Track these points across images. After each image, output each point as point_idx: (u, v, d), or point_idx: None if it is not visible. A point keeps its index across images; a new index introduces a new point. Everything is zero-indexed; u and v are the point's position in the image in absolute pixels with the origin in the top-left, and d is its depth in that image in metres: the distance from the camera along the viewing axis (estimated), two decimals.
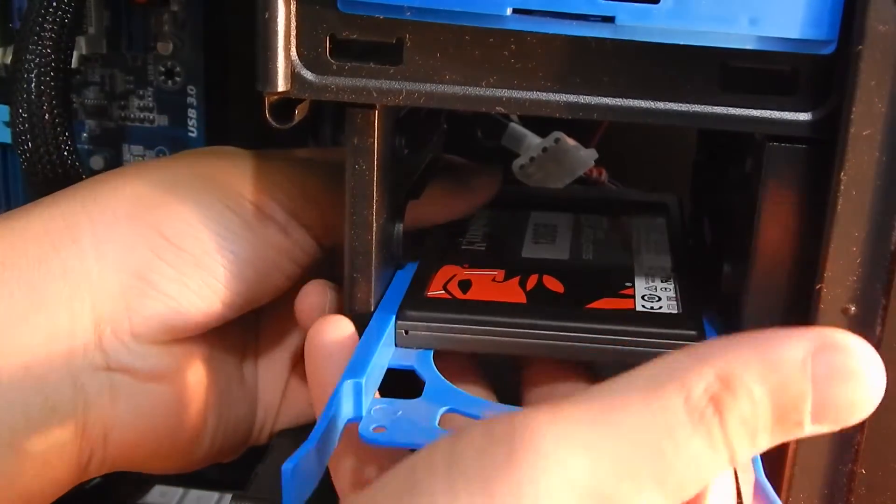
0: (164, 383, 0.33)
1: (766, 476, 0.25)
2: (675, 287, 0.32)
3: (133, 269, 0.31)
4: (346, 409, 0.26)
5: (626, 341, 0.29)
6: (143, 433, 0.33)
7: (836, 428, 0.21)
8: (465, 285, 0.32)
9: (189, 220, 0.32)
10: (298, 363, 0.38)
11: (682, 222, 0.41)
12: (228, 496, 0.44)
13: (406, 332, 0.30)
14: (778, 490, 0.28)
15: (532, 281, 0.33)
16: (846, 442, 0.28)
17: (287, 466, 0.23)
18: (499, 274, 0.33)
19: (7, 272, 0.30)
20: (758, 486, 0.24)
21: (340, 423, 0.26)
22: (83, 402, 0.31)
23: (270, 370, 0.38)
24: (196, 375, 0.34)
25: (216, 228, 0.32)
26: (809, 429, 0.21)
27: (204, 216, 0.32)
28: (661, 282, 0.33)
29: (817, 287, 0.27)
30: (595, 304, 0.31)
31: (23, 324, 0.30)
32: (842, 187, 0.26)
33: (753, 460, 0.24)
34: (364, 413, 0.26)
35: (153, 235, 0.31)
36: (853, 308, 0.27)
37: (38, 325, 0.30)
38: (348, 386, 0.26)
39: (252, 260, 0.33)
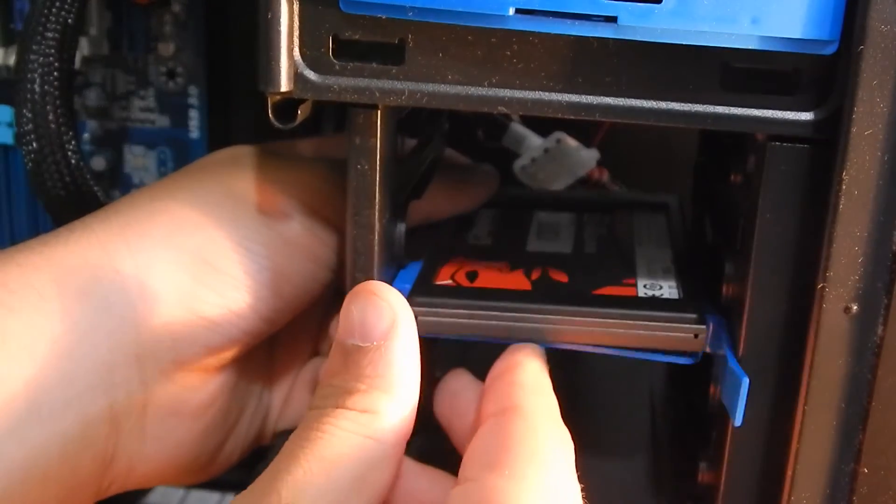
0: (195, 417, 0.33)
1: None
2: (675, 278, 0.33)
3: (175, 298, 0.31)
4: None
5: (628, 324, 0.30)
6: (165, 465, 0.33)
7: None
8: (471, 275, 0.33)
9: (227, 242, 0.31)
10: (303, 369, 0.38)
11: (683, 220, 0.41)
12: (230, 496, 0.44)
13: (415, 318, 0.30)
14: (780, 489, 0.29)
15: (537, 272, 0.33)
16: (848, 441, 0.28)
17: None
18: (504, 266, 0.34)
19: (48, 304, 0.29)
20: (729, 370, 0.28)
21: None
22: (115, 438, 0.31)
23: (281, 381, 0.38)
24: (226, 405, 0.34)
25: (253, 247, 0.32)
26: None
27: (242, 235, 0.31)
28: (663, 273, 0.33)
29: (819, 286, 0.27)
30: (598, 292, 0.32)
31: (66, 358, 0.29)
32: (844, 187, 0.26)
33: (726, 351, 0.29)
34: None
35: (193, 261, 0.31)
36: (855, 307, 0.27)
37: (81, 358, 0.29)
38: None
39: (289, 274, 0.32)
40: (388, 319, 0.27)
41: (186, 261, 0.31)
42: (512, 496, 0.24)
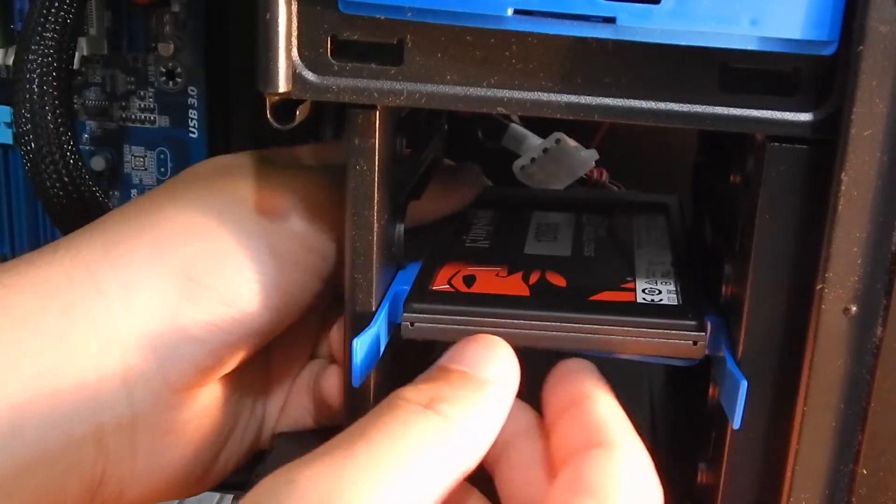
0: (187, 433, 0.32)
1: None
2: (675, 282, 0.33)
3: (161, 317, 0.30)
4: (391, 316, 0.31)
5: (627, 331, 0.30)
6: (158, 484, 0.32)
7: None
8: (469, 280, 0.33)
9: (214, 256, 0.31)
10: (301, 372, 0.38)
11: (682, 221, 0.41)
12: (229, 497, 0.44)
13: (412, 325, 0.30)
14: (779, 490, 0.29)
15: (535, 276, 0.33)
16: (847, 442, 0.28)
17: (355, 340, 0.28)
18: (502, 270, 0.34)
19: (33, 323, 0.29)
20: (728, 372, 0.28)
21: (388, 325, 0.31)
22: (103, 459, 0.30)
23: (278, 388, 0.37)
24: (219, 419, 0.34)
25: (242, 261, 0.31)
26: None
27: (229, 249, 0.31)
28: (662, 276, 0.33)
29: (818, 287, 0.27)
30: (596, 297, 0.31)
31: (52, 376, 0.29)
32: (843, 187, 0.26)
33: (725, 353, 0.29)
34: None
35: (179, 277, 0.30)
36: (854, 308, 0.27)
37: (67, 378, 0.29)
38: (392, 301, 0.31)
39: (280, 285, 0.32)
40: (496, 369, 0.27)
41: (173, 277, 0.30)
42: None
